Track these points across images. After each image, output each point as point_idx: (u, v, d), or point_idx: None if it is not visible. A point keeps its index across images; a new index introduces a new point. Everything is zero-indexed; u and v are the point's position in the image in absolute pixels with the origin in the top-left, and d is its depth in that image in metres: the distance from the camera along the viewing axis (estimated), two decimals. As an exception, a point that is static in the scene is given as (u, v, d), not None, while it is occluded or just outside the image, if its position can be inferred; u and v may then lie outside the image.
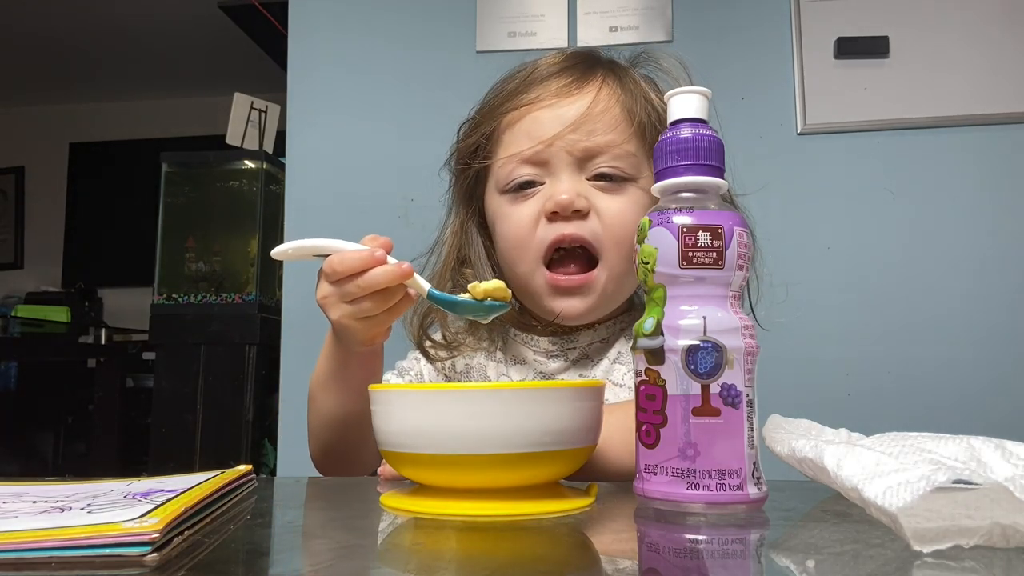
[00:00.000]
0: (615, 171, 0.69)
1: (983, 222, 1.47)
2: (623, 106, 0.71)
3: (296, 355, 1.61)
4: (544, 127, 0.70)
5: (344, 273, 0.57)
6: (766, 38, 1.56)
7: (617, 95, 0.71)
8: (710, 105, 0.47)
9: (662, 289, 0.44)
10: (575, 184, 0.69)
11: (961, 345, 1.44)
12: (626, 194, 0.70)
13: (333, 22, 1.69)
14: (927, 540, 0.32)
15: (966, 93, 1.49)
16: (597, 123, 0.69)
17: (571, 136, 0.69)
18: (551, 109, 0.70)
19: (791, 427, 0.52)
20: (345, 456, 0.71)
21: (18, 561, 0.32)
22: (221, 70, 3.80)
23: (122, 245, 3.94)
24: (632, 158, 0.70)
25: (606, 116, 0.70)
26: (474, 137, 0.76)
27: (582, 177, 0.70)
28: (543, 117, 0.70)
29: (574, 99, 0.70)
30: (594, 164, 0.69)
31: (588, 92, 0.71)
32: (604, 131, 0.69)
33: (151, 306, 2.25)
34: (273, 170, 2.29)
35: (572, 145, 0.69)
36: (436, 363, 0.78)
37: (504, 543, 0.37)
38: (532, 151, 0.70)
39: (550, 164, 0.70)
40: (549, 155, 0.69)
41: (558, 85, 0.71)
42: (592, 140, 0.69)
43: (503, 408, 0.43)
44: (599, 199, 0.69)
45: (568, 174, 0.69)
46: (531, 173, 0.70)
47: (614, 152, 0.69)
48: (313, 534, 0.44)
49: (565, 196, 0.67)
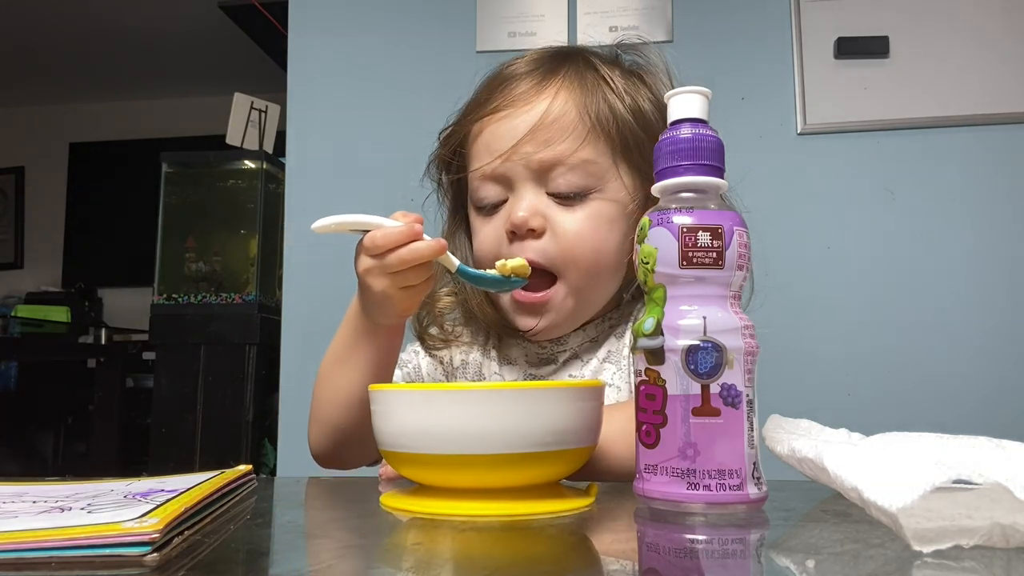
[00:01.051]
0: (570, 187, 0.68)
1: (983, 222, 1.47)
2: (579, 108, 0.69)
3: (296, 355, 1.61)
4: (500, 141, 0.69)
5: (387, 246, 0.59)
6: (766, 38, 1.56)
7: (575, 97, 0.69)
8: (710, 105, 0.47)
9: (662, 289, 0.44)
10: (534, 200, 0.68)
11: (961, 345, 1.44)
12: (585, 208, 0.68)
13: (333, 22, 1.69)
14: (927, 540, 0.32)
15: (966, 93, 1.49)
16: (550, 132, 0.68)
17: (526, 149, 0.68)
18: (506, 120, 0.70)
19: (791, 427, 0.52)
20: (351, 441, 0.70)
21: (18, 561, 0.32)
22: (221, 70, 3.80)
23: (122, 245, 3.94)
24: (590, 166, 0.68)
25: (559, 123, 0.68)
26: (446, 148, 0.76)
27: (542, 191, 0.69)
28: (499, 131, 0.70)
29: (529, 107, 0.69)
30: (551, 178, 0.68)
31: (544, 98, 0.69)
32: (558, 140, 0.68)
33: (151, 306, 2.25)
34: (273, 170, 2.29)
35: (527, 159, 0.68)
36: (434, 355, 0.78)
37: (504, 543, 0.37)
38: (491, 167, 0.70)
39: (510, 180, 0.69)
40: (508, 170, 0.69)
41: (517, 92, 0.70)
42: (546, 152, 0.67)
43: (503, 408, 0.43)
44: (557, 215, 0.68)
45: (529, 189, 0.68)
46: (495, 192, 0.70)
47: (569, 163, 0.68)
48: (313, 534, 0.44)
49: (519, 215, 0.67)
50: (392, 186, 1.61)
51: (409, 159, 1.62)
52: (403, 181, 1.60)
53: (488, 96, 0.72)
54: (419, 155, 0.82)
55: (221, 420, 2.11)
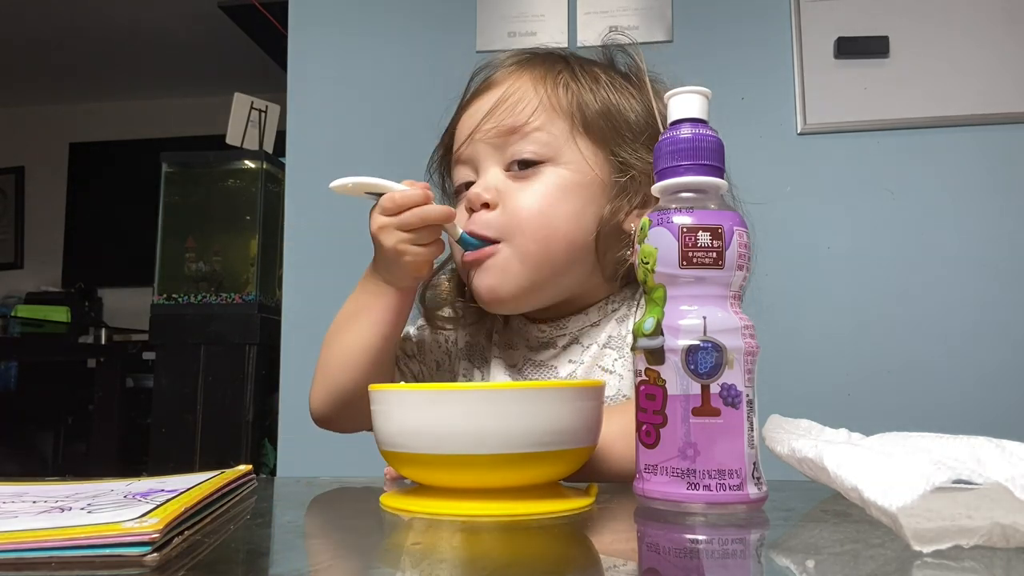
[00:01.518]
0: (527, 154, 0.69)
1: (983, 222, 1.47)
2: (534, 84, 0.71)
3: (296, 355, 1.61)
4: (467, 122, 0.73)
5: (405, 205, 0.65)
6: (766, 38, 1.56)
7: (534, 77, 0.72)
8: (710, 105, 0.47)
9: (662, 289, 0.44)
10: (491, 178, 0.70)
11: (961, 345, 1.44)
12: (537, 178, 0.69)
13: (333, 22, 1.69)
14: (927, 540, 0.32)
15: (966, 93, 1.49)
16: (506, 106, 0.70)
17: (486, 126, 0.70)
18: (475, 103, 0.73)
19: (791, 427, 0.52)
20: (353, 402, 0.70)
21: (18, 561, 0.32)
22: (221, 70, 3.80)
23: (122, 245, 3.94)
24: (543, 135, 0.70)
25: (515, 98, 0.70)
26: (440, 150, 0.80)
27: (500, 169, 0.71)
28: (468, 112, 0.73)
29: (493, 91, 0.72)
30: (508, 152, 0.70)
31: (506, 82, 0.72)
32: (512, 113, 0.70)
33: (151, 306, 2.25)
34: (273, 170, 2.29)
35: (486, 135, 0.71)
36: (439, 335, 0.79)
37: (504, 543, 0.37)
38: (459, 150, 0.73)
39: (476, 161, 0.72)
40: (473, 151, 0.72)
41: (488, 81, 0.74)
42: (502, 124, 0.70)
43: (503, 408, 0.43)
44: (511, 190, 0.70)
45: (490, 169, 0.71)
46: (465, 175, 0.73)
47: (522, 131, 0.69)
48: (313, 534, 0.44)
49: (473, 191, 0.70)
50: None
51: (409, 159, 1.62)
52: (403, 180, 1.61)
53: (467, 92, 0.76)
54: (419, 155, 0.82)
55: (221, 420, 2.11)
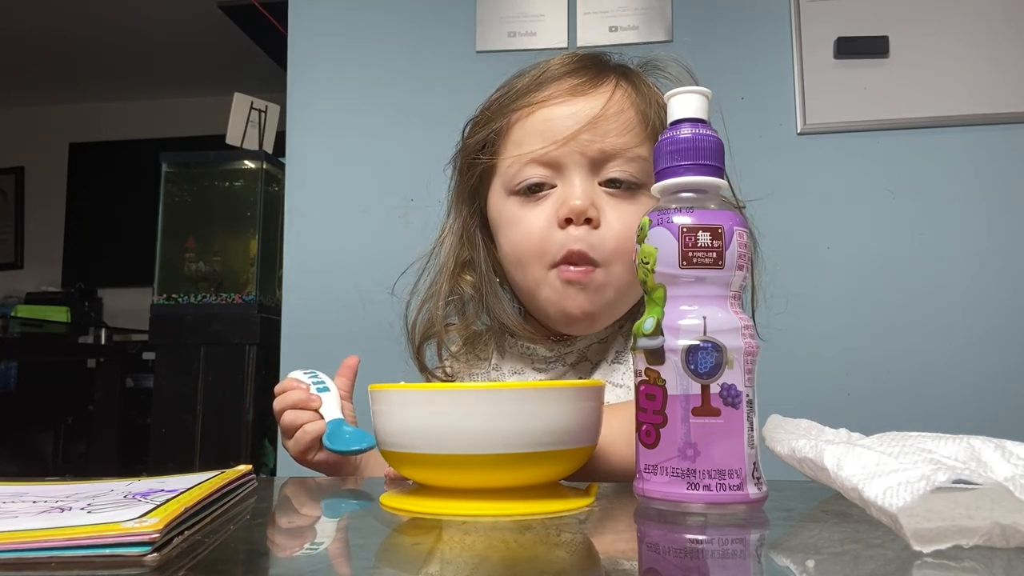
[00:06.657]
0: (628, 176, 0.67)
1: (982, 222, 1.47)
2: (637, 109, 0.69)
3: (296, 355, 1.61)
4: (557, 126, 0.68)
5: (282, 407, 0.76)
6: (766, 38, 1.56)
7: (631, 97, 0.70)
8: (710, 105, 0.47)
9: (662, 289, 0.44)
10: (588, 189, 0.67)
11: (961, 345, 1.44)
12: (636, 202, 0.67)
13: (333, 22, 1.69)
14: (927, 540, 0.32)
15: (966, 93, 1.49)
16: (612, 124, 0.67)
17: (585, 137, 0.67)
18: (565, 106, 0.68)
19: (791, 427, 0.52)
20: None
21: (18, 561, 0.32)
22: (221, 70, 3.81)
23: (122, 245, 3.95)
24: (644, 163, 0.68)
25: (621, 118, 0.68)
26: (482, 133, 0.74)
27: (594, 181, 0.68)
28: (556, 115, 0.68)
29: (588, 98, 0.68)
30: (607, 168, 0.67)
31: (603, 92, 0.69)
32: (619, 133, 0.67)
33: (151, 306, 2.25)
34: (273, 170, 2.29)
35: (586, 146, 0.67)
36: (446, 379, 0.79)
37: (504, 543, 0.37)
38: (543, 151, 0.68)
39: (562, 166, 0.68)
40: (561, 156, 0.68)
41: (571, 84, 0.70)
42: (607, 142, 0.67)
43: (503, 408, 0.43)
44: (608, 207, 0.67)
45: (581, 177, 0.67)
46: (541, 175, 0.68)
47: (627, 156, 0.67)
48: (313, 534, 0.44)
49: (579, 202, 0.65)
50: (392, 186, 1.61)
51: (409, 159, 1.62)
52: (403, 181, 1.61)
53: (536, 85, 0.71)
54: (419, 155, 0.82)
55: (221, 420, 2.11)
